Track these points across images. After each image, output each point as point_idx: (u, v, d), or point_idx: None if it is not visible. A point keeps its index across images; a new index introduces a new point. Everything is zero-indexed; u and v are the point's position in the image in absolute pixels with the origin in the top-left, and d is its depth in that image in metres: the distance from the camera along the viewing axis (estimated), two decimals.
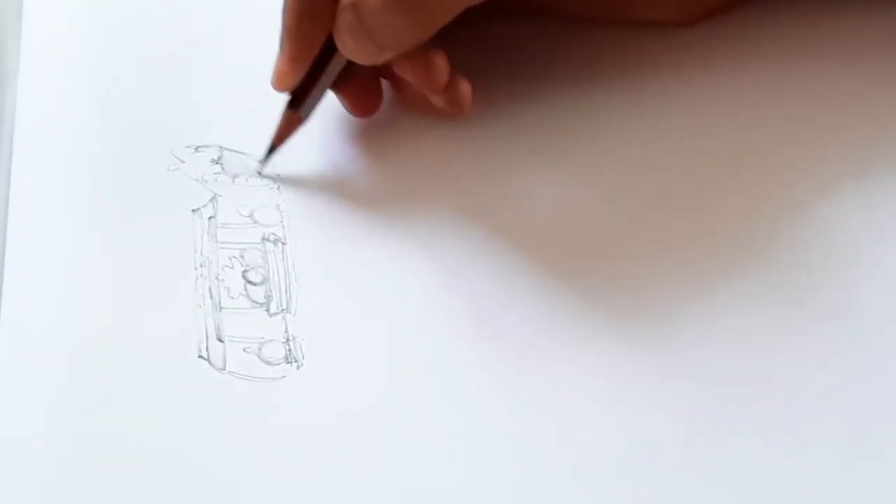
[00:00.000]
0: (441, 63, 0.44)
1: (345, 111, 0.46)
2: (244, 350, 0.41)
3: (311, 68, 0.44)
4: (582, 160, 0.46)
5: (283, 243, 0.43)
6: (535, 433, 0.39)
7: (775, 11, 0.50)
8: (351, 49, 0.43)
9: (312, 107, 0.45)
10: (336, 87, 0.45)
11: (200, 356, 0.40)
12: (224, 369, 0.40)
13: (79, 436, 0.38)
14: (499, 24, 0.49)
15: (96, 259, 0.42)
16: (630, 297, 0.42)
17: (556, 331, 0.41)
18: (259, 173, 0.45)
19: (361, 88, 0.46)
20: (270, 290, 0.42)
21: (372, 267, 0.43)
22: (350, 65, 0.44)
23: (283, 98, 0.45)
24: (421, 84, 0.45)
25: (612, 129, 0.47)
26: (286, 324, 0.41)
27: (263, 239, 0.44)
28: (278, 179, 0.45)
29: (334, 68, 0.44)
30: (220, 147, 0.46)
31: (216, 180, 0.45)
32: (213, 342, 0.41)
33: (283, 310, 0.42)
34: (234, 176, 0.45)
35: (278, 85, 0.45)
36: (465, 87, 0.45)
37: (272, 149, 0.45)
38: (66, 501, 0.37)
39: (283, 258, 0.43)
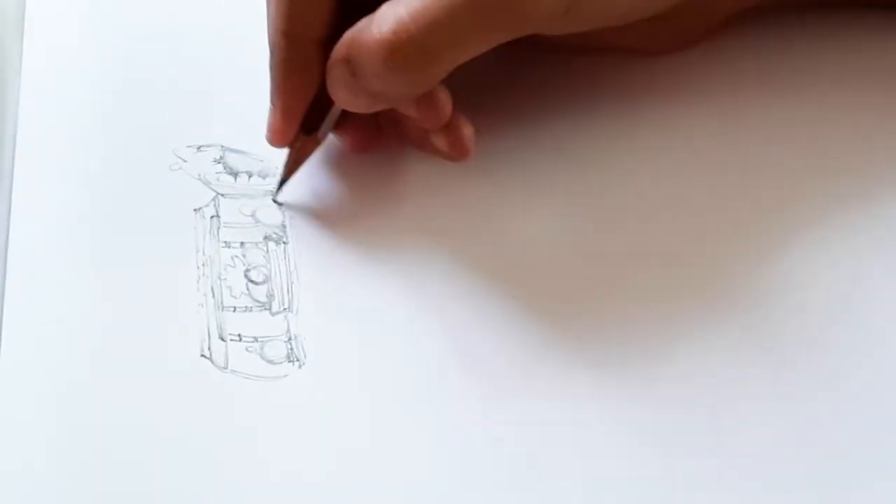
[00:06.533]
0: (444, 98, 0.43)
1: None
2: (246, 349, 0.41)
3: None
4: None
5: (284, 242, 0.43)
6: (537, 428, 0.39)
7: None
8: (344, 100, 0.42)
9: (328, 127, 0.44)
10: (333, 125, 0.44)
11: (203, 355, 0.40)
12: (226, 368, 0.40)
13: (81, 434, 0.38)
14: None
15: (99, 258, 0.42)
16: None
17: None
18: (275, 201, 0.45)
19: (359, 127, 0.45)
20: (272, 290, 0.42)
21: (373, 266, 0.43)
22: None
23: None
24: (423, 120, 0.43)
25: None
26: (288, 323, 0.41)
27: (265, 238, 0.44)
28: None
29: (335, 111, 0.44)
30: (223, 146, 0.46)
31: (218, 180, 0.45)
32: (216, 341, 0.41)
33: (285, 309, 0.42)
34: (236, 175, 0.45)
35: (274, 141, 0.44)
36: (467, 131, 0.44)
37: (286, 177, 0.44)
38: (68, 499, 0.37)
39: (284, 257, 0.43)
